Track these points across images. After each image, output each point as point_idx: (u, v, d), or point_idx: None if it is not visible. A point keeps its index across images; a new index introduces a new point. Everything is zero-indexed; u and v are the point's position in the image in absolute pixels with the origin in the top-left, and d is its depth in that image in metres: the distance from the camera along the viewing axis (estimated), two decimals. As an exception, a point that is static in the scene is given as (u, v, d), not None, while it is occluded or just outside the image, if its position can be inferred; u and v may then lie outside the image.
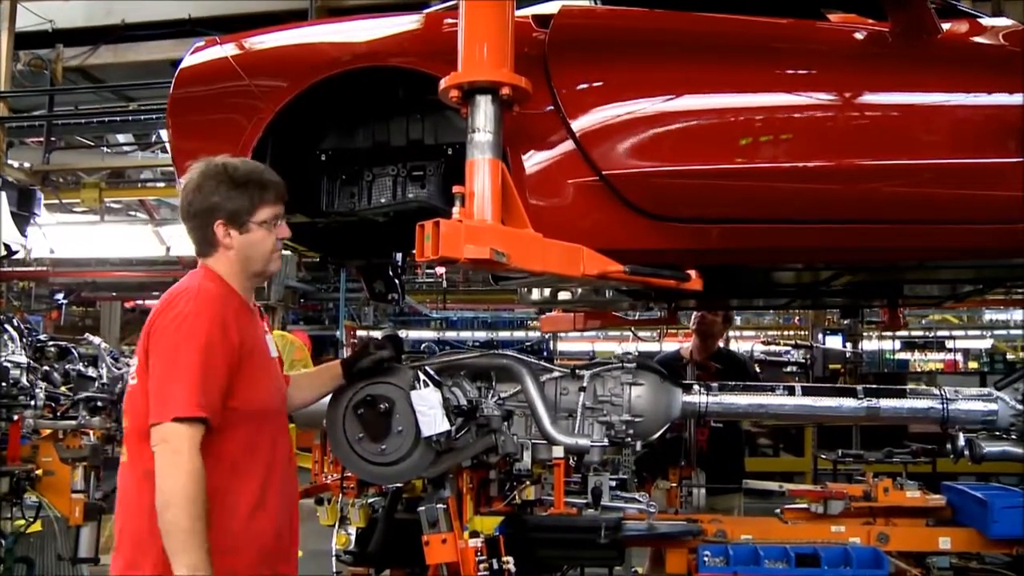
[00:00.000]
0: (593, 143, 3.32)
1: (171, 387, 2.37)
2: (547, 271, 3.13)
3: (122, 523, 2.51)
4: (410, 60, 3.40)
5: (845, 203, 3.40)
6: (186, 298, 2.48)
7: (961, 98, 3.43)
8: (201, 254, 2.67)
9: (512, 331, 24.64)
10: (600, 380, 3.87)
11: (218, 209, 2.60)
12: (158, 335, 2.45)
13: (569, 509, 3.91)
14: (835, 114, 3.46)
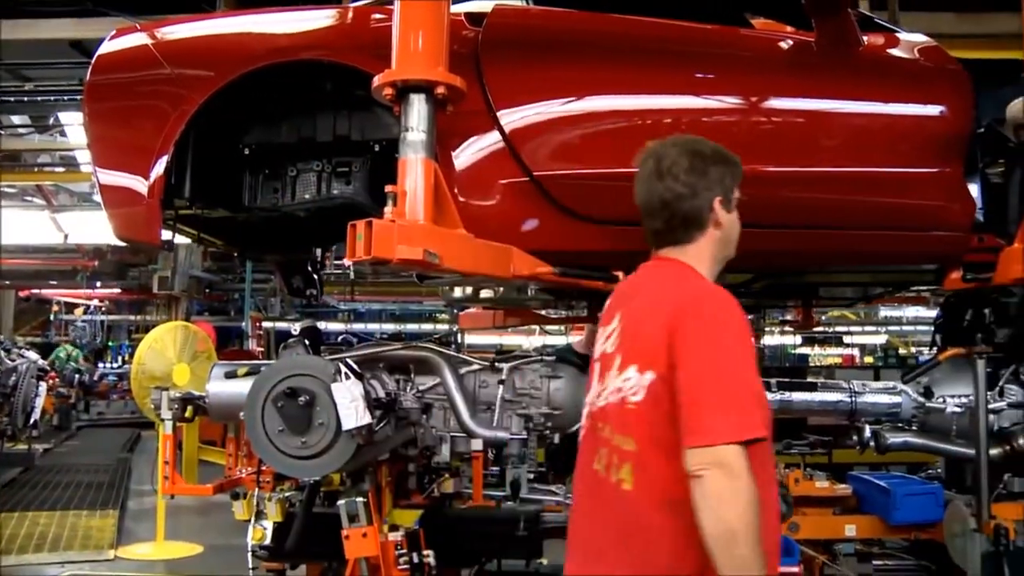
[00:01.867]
0: (524, 144, 3.37)
1: (725, 404, 1.97)
2: (478, 272, 3.16)
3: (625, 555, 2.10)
4: (339, 55, 3.37)
5: (771, 208, 3.49)
6: (714, 300, 2.12)
7: (879, 108, 3.61)
8: (674, 241, 2.27)
9: (420, 323, 24.52)
10: (519, 373, 3.91)
11: (717, 185, 2.25)
12: (694, 342, 2.04)
13: (488, 502, 3.94)
14: (760, 120, 3.59)
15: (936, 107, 3.62)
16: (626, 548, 2.07)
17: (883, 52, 3.73)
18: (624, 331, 2.20)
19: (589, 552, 2.15)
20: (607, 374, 2.18)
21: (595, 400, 2.21)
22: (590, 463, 2.18)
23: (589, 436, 2.23)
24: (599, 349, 2.27)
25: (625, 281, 2.51)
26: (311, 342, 3.93)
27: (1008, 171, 3.75)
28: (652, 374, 2.06)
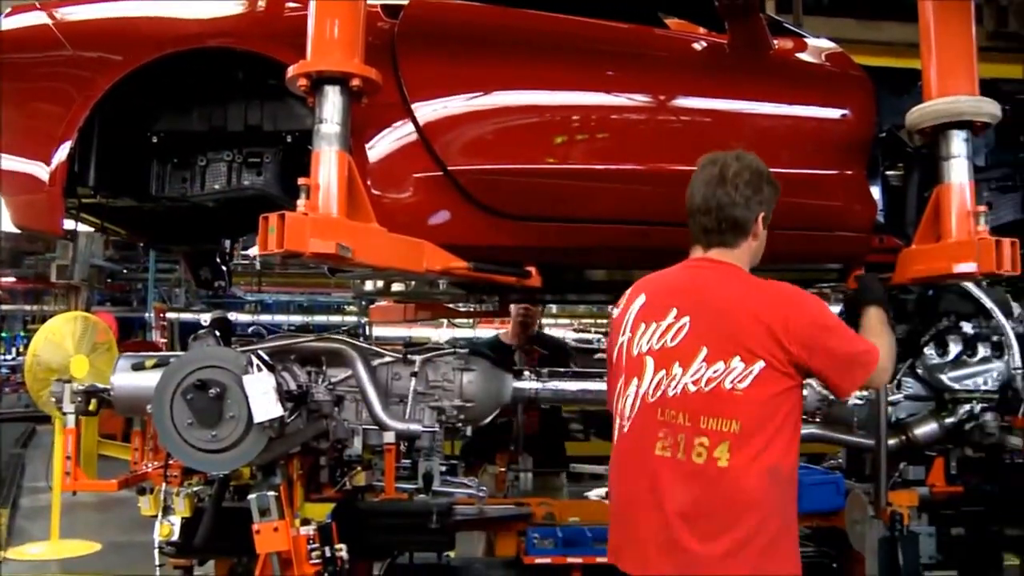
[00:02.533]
0: (438, 138, 3.36)
1: (859, 351, 2.56)
2: (391, 266, 3.16)
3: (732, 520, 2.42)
4: (249, 43, 3.30)
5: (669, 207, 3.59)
6: (800, 293, 2.58)
7: (787, 111, 3.72)
8: (721, 243, 2.63)
9: (328, 315, 24.25)
10: (432, 365, 3.91)
11: (765, 203, 2.63)
12: (816, 330, 2.50)
13: (400, 494, 3.94)
14: (672, 119, 3.65)
15: (841, 112, 3.74)
16: (733, 512, 2.40)
17: (792, 56, 3.84)
18: (708, 326, 2.49)
19: (680, 527, 2.41)
20: (675, 366, 2.49)
21: (654, 391, 2.51)
22: (649, 450, 2.49)
23: (646, 425, 2.51)
24: (647, 344, 2.56)
25: (670, 277, 2.71)
26: (221, 333, 3.87)
27: (906, 175, 3.92)
28: (762, 363, 2.42)
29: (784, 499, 2.49)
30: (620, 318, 2.70)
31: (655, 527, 2.46)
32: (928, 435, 4.19)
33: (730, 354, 2.44)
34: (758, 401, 2.43)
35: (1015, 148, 4.05)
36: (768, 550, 2.42)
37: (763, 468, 2.42)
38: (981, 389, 4.21)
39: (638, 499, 2.51)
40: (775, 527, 2.44)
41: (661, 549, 2.44)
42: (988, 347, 4.30)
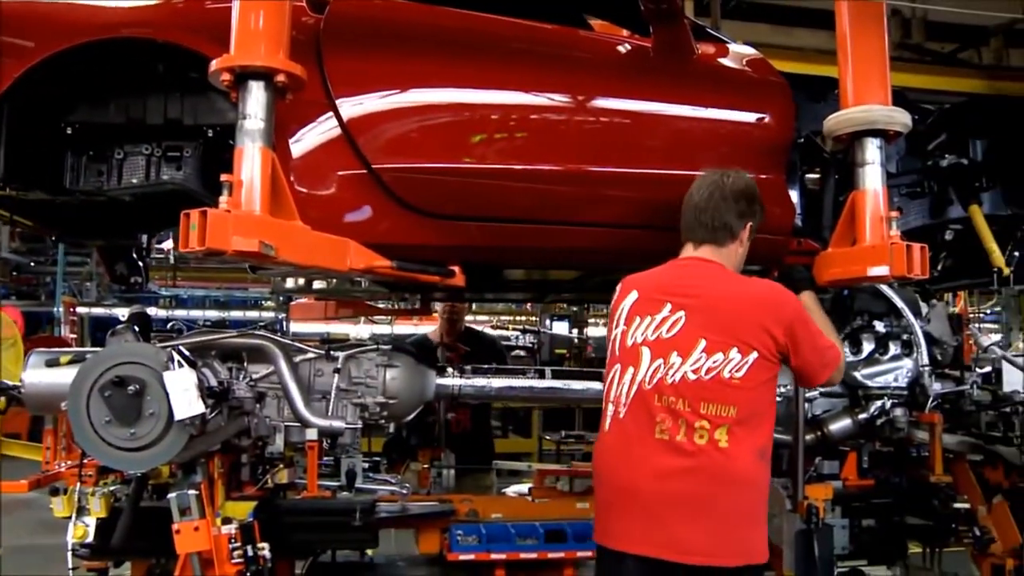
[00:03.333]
0: (362, 136, 3.34)
1: (830, 349, 2.90)
2: (314, 265, 3.13)
3: (731, 495, 2.70)
4: (167, 34, 3.22)
5: (605, 207, 3.65)
6: (789, 294, 2.90)
7: (710, 115, 3.78)
8: (713, 241, 2.95)
9: (245, 311, 23.81)
10: (355, 362, 3.89)
11: (755, 216, 3.01)
12: (802, 326, 2.82)
13: (323, 492, 3.90)
14: (595, 121, 3.68)
15: (761, 117, 3.83)
16: (730, 490, 2.68)
17: (714, 61, 3.92)
18: (705, 320, 2.76)
19: (680, 504, 2.67)
20: (673, 355, 2.75)
21: (651, 379, 2.76)
22: (647, 433, 2.73)
23: (644, 410, 2.75)
24: (642, 335, 2.82)
25: (661, 275, 2.97)
26: (140, 329, 3.79)
27: (823, 180, 4.04)
28: (755, 354, 2.72)
29: (767, 478, 2.84)
30: (612, 313, 2.95)
31: (655, 505, 2.67)
32: (842, 431, 4.32)
33: (728, 345, 2.73)
34: (753, 388, 2.73)
35: (923, 155, 4.21)
36: (755, 523, 2.77)
37: (755, 449, 2.74)
38: (892, 386, 4.36)
39: (637, 480, 2.72)
40: (760, 502, 2.79)
41: (663, 526, 2.66)
42: (899, 345, 4.46)
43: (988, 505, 4.38)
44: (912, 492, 4.37)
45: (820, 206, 3.97)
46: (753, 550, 2.74)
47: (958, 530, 4.32)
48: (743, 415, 2.70)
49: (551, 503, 4.52)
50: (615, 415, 2.83)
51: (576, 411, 12.40)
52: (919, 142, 4.12)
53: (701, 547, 2.64)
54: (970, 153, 4.19)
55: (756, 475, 2.76)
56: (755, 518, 2.77)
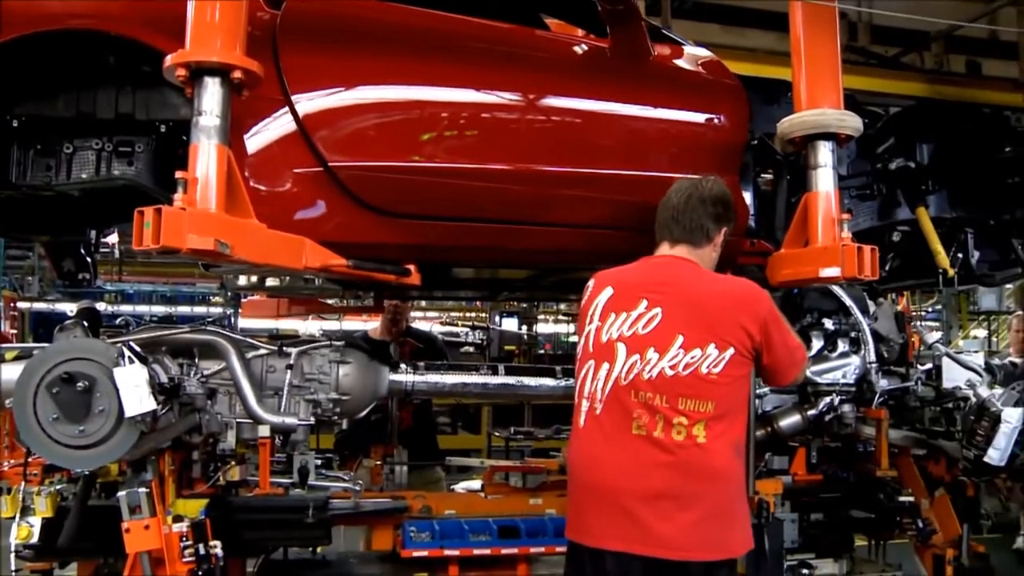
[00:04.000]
0: (319, 133, 3.31)
1: (799, 348, 3.00)
2: (270, 263, 3.10)
3: (709, 489, 2.72)
4: (116, 26, 3.14)
5: (559, 207, 3.66)
6: (764, 293, 2.92)
7: (665, 116, 3.82)
8: (695, 244, 2.98)
9: (193, 306, 23.43)
10: (308, 358, 3.86)
11: (729, 221, 3.06)
12: (775, 323, 2.87)
13: (275, 489, 3.86)
14: (552, 121, 3.69)
15: (716, 118, 3.88)
16: (709, 485, 2.71)
17: (670, 63, 3.96)
18: (682, 316, 2.78)
19: (658, 500, 2.68)
20: (650, 351, 2.76)
21: (627, 374, 2.76)
22: (624, 429, 2.74)
23: (620, 406, 2.76)
24: (617, 332, 2.82)
25: (635, 272, 2.98)
26: (89, 324, 3.73)
27: (776, 181, 4.11)
28: (732, 350, 2.75)
29: (743, 471, 2.91)
30: (586, 309, 2.95)
31: (632, 501, 2.69)
32: (792, 427, 4.39)
33: (706, 342, 2.75)
34: (729, 384, 2.77)
35: (873, 158, 4.30)
36: (734, 517, 2.80)
37: (731, 443, 2.78)
38: (840, 382, 4.43)
39: (613, 476, 2.73)
40: (737, 496, 2.84)
41: (640, 522, 2.67)
42: (847, 343, 4.54)
43: (931, 498, 4.49)
44: (859, 486, 4.48)
45: (773, 207, 4.04)
46: (730, 543, 2.77)
47: (902, 522, 4.43)
48: (720, 411, 2.73)
49: (504, 499, 4.54)
50: (590, 411, 2.82)
51: (526, 407, 12.44)
52: (869, 145, 4.21)
53: (680, 542, 2.66)
54: (917, 157, 4.30)
55: (733, 469, 2.79)
56: (733, 512, 2.79)
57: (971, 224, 4.44)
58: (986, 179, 4.40)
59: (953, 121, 4.52)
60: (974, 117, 4.59)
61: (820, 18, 3.52)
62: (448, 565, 4.02)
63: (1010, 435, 3.89)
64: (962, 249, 4.44)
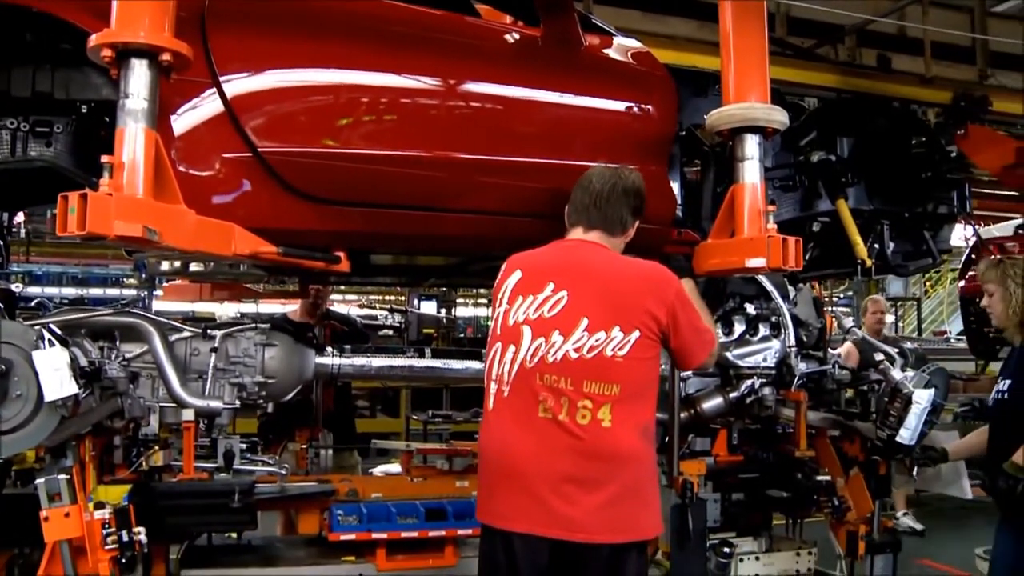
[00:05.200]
0: (248, 118, 3.24)
1: (707, 331, 2.96)
2: (198, 250, 3.04)
3: (614, 473, 2.69)
4: (46, 3, 3.02)
5: (494, 195, 3.66)
6: (673, 276, 2.91)
7: (596, 105, 3.84)
8: (610, 232, 2.96)
9: (105, 288, 22.76)
10: (233, 341, 3.83)
11: (642, 214, 3.06)
12: (683, 306, 2.85)
13: (200, 474, 3.83)
14: (482, 108, 3.68)
15: (646, 109, 3.92)
16: (613, 468, 2.68)
17: (600, 53, 3.99)
18: (587, 299, 2.76)
19: (563, 482, 2.66)
20: (554, 334, 2.73)
21: (532, 357, 2.74)
22: (531, 412, 2.72)
23: (527, 389, 2.73)
24: (524, 314, 2.80)
25: (545, 255, 2.96)
26: (5, 306, 3.61)
27: (702, 172, 4.18)
28: (637, 332, 2.73)
29: (652, 454, 2.86)
30: (496, 292, 2.94)
31: (539, 484, 2.67)
32: (714, 409, 4.49)
33: (610, 324, 2.73)
34: (635, 367, 2.74)
35: (796, 151, 4.42)
36: (642, 500, 2.76)
37: (638, 426, 2.76)
38: (761, 366, 4.55)
39: (521, 459, 2.71)
40: (646, 479, 2.80)
41: (547, 504, 2.66)
42: (768, 327, 4.65)
43: (845, 477, 4.64)
44: (778, 466, 4.59)
45: (699, 198, 4.11)
46: (638, 526, 2.75)
47: (819, 501, 4.56)
48: (626, 393, 2.71)
49: (430, 482, 4.56)
50: (498, 394, 2.80)
51: (444, 391, 12.49)
52: (792, 138, 4.31)
53: (586, 525, 2.64)
54: (838, 150, 4.42)
55: (640, 452, 2.76)
56: (642, 494, 2.76)
57: (887, 216, 4.57)
58: (901, 173, 4.54)
59: (871, 117, 4.67)
60: (890, 113, 4.75)
61: (749, 14, 3.59)
62: (376, 548, 4.01)
63: (920, 415, 4.02)
64: (878, 240, 4.57)
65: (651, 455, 2.84)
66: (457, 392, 11.66)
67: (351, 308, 14.88)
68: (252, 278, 4.55)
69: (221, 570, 3.93)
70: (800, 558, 4.72)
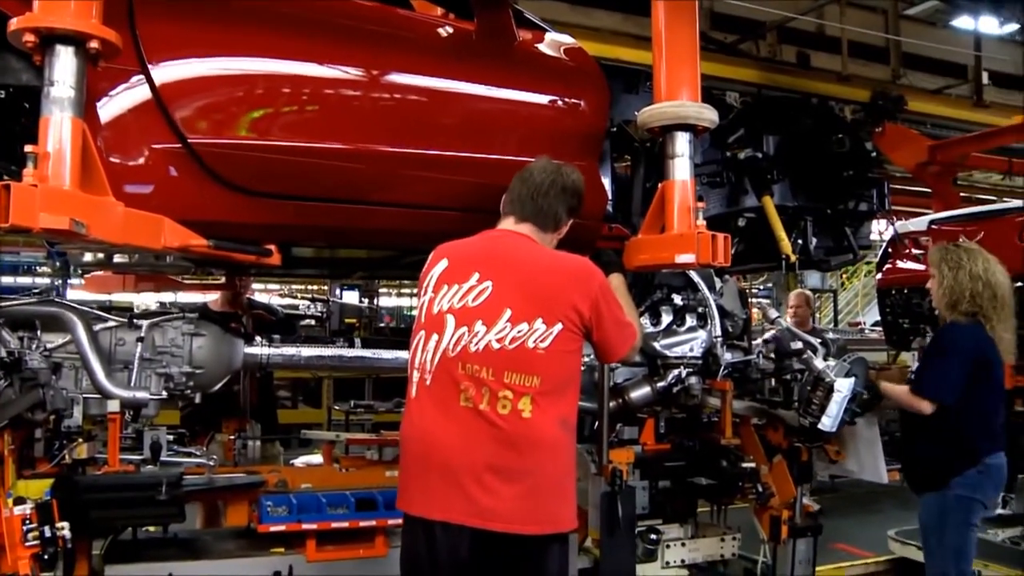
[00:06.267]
0: (177, 108, 3.17)
1: (630, 326, 2.97)
2: (128, 243, 2.96)
3: (534, 464, 2.70)
4: None
5: (425, 189, 3.65)
6: (597, 269, 2.91)
7: (528, 100, 3.87)
8: (541, 226, 2.97)
9: (16, 276, 21.86)
10: (160, 330, 3.77)
11: (576, 212, 3.08)
12: (607, 299, 2.86)
13: (126, 466, 3.76)
14: (414, 104, 3.66)
15: (578, 105, 3.96)
16: (533, 459, 2.69)
17: (533, 48, 4.01)
18: (511, 290, 2.77)
19: (483, 472, 2.66)
20: (477, 324, 2.74)
21: (454, 346, 2.74)
22: (452, 401, 2.73)
23: (448, 378, 2.74)
24: (448, 303, 2.81)
25: (472, 245, 2.95)
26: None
27: (633, 168, 4.24)
28: (560, 325, 2.74)
29: (572, 447, 2.88)
30: (422, 281, 2.93)
31: (460, 473, 2.68)
32: (642, 398, 4.55)
33: (533, 316, 2.74)
34: (556, 359, 2.75)
35: (723, 148, 4.50)
36: (560, 492, 2.78)
37: (558, 418, 2.76)
38: (688, 356, 4.62)
39: (441, 448, 2.72)
40: (565, 472, 2.81)
41: (467, 493, 2.67)
42: (694, 317, 4.72)
43: (769, 464, 4.77)
44: (704, 454, 4.70)
45: (630, 193, 4.17)
46: (558, 518, 2.76)
47: (743, 487, 4.68)
48: (547, 386, 2.72)
49: (360, 472, 4.55)
50: (421, 382, 2.81)
51: (367, 381, 12.45)
52: (720, 136, 4.39)
53: (506, 514, 2.65)
54: (764, 148, 4.52)
55: (559, 444, 2.77)
56: (560, 487, 2.78)
57: (810, 213, 4.68)
58: (824, 171, 4.65)
59: (797, 116, 4.77)
60: (814, 113, 4.86)
61: (681, 13, 3.65)
62: (306, 539, 3.99)
63: (841, 403, 4.13)
64: (802, 236, 4.68)
65: (569, 447, 2.85)
66: (380, 383, 11.63)
67: (272, 297, 14.68)
68: (177, 270, 4.46)
69: (147, 564, 3.86)
70: (724, 543, 4.85)
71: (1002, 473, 3.98)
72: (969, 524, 3.91)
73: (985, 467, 3.88)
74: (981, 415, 3.92)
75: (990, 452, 3.91)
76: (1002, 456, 3.98)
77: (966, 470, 3.86)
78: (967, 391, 3.86)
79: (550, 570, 2.75)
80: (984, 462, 3.88)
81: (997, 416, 4.02)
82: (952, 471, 3.87)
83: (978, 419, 3.91)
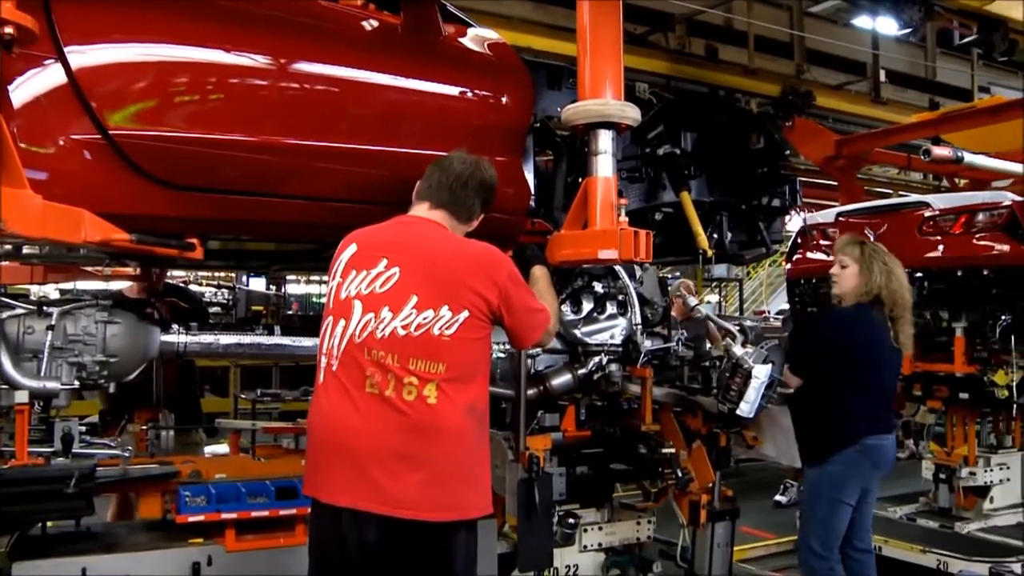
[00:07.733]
0: (98, 99, 3.07)
1: (540, 310, 3.01)
2: (46, 237, 2.89)
3: (438, 451, 2.72)
4: None
5: (345, 182, 3.63)
6: (507, 258, 2.95)
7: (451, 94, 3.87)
8: (457, 217, 3.02)
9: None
10: (72, 318, 3.68)
11: (488, 205, 3.12)
12: (516, 286, 2.89)
13: (35, 459, 3.66)
14: (334, 97, 3.61)
15: (502, 100, 3.99)
16: (439, 446, 2.72)
17: (457, 43, 4.01)
18: (418, 277, 2.79)
19: (388, 458, 2.69)
20: (384, 310, 2.76)
21: (361, 332, 2.76)
22: (358, 387, 2.74)
23: (354, 364, 2.75)
24: (356, 289, 2.82)
25: (382, 231, 2.96)
26: None
27: (555, 164, 4.29)
28: (467, 312, 2.77)
29: (481, 435, 2.89)
30: (331, 266, 2.93)
31: (365, 459, 2.69)
32: (563, 385, 4.63)
33: (439, 303, 2.76)
34: (462, 347, 2.78)
35: (643, 144, 4.59)
36: (468, 479, 2.81)
37: (464, 406, 2.79)
38: (608, 343, 4.71)
39: (348, 434, 2.73)
40: (473, 459, 2.84)
41: (373, 479, 2.68)
42: (615, 305, 4.81)
43: (688, 449, 4.90)
44: (624, 441, 4.79)
45: (552, 188, 4.22)
46: (465, 505, 2.79)
47: (663, 473, 4.80)
48: (453, 373, 2.74)
49: (277, 461, 4.52)
50: (328, 368, 2.81)
51: (274, 369, 12.32)
52: (640, 132, 4.46)
53: (411, 501, 2.68)
54: (682, 144, 4.62)
55: (466, 431, 2.79)
56: (467, 473, 2.80)
57: (726, 208, 4.80)
58: (739, 168, 4.79)
59: (713, 113, 4.91)
60: (731, 111, 4.98)
61: (605, 12, 3.70)
62: (224, 529, 3.94)
63: (759, 389, 4.26)
64: (717, 230, 4.79)
65: (477, 434, 2.86)
66: (287, 371, 11.50)
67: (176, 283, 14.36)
68: (91, 262, 4.34)
69: (57, 560, 3.72)
70: (640, 526, 4.98)
71: (882, 453, 4.21)
72: (839, 500, 4.16)
73: (864, 447, 4.14)
74: (861, 397, 4.17)
75: (870, 433, 4.16)
76: (886, 438, 4.23)
77: (845, 448, 4.13)
78: (845, 373, 4.13)
79: (457, 556, 2.78)
80: (863, 442, 4.14)
81: (880, 398, 4.28)
82: (831, 448, 4.15)
83: (857, 400, 4.16)
